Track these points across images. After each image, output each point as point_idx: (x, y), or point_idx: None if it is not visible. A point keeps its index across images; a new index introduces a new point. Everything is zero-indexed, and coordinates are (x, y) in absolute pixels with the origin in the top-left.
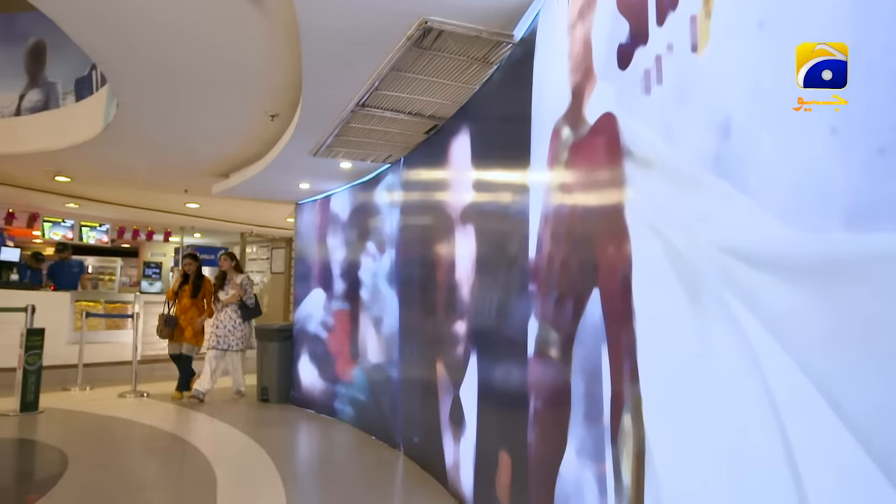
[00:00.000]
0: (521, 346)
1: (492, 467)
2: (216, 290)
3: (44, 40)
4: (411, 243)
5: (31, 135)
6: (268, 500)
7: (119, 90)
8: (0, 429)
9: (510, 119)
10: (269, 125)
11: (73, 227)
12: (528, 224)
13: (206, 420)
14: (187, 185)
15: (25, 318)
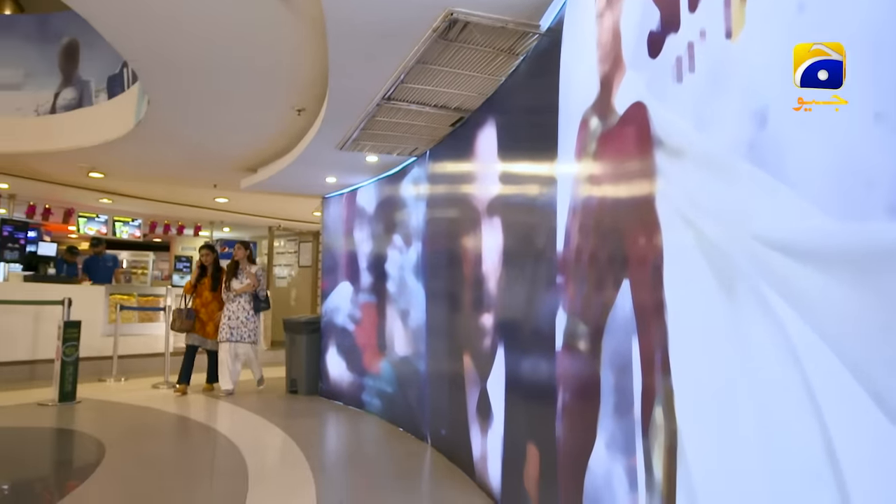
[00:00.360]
0: (548, 339)
1: (519, 460)
2: (228, 278)
3: (77, 39)
4: (438, 236)
5: (66, 132)
6: (298, 490)
7: (150, 87)
8: (40, 418)
9: (537, 110)
10: (296, 120)
11: (106, 222)
12: (556, 216)
13: (237, 410)
14: (216, 180)
15: (62, 310)
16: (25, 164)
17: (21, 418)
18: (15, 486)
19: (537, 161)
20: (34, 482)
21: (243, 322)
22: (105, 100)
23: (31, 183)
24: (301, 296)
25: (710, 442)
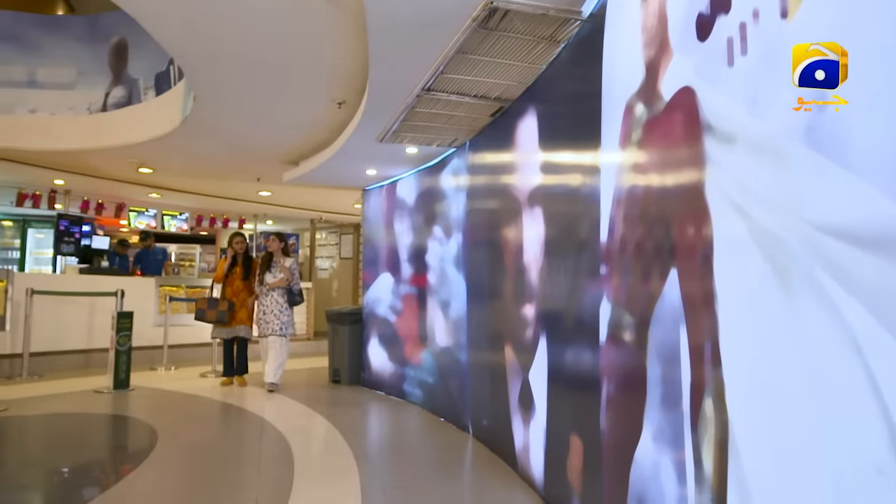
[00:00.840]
0: (592, 330)
1: (563, 451)
2: (262, 272)
3: (126, 38)
4: (478, 227)
5: (116, 129)
6: (342, 477)
7: (195, 83)
8: (96, 404)
9: (579, 98)
10: (337, 113)
11: (155, 216)
12: (600, 206)
13: (282, 399)
14: (260, 173)
15: (115, 301)
16: (79, 160)
17: (79, 405)
18: (75, 469)
19: (580, 150)
20: (93, 465)
21: (276, 315)
22: (153, 97)
23: (84, 179)
24: (342, 287)
25: (764, 435)
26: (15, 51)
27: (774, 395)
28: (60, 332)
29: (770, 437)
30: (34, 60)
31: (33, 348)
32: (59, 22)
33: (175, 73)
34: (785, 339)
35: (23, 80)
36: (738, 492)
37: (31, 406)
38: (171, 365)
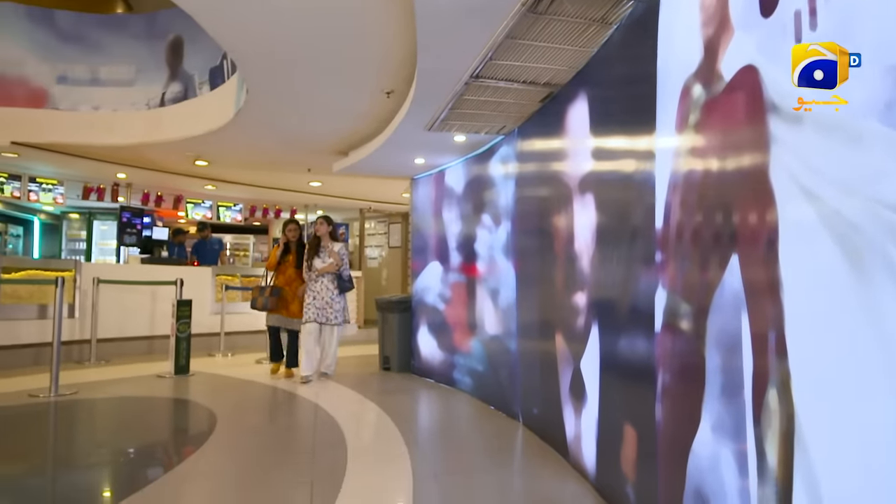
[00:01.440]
0: (647, 318)
1: (616, 441)
2: (310, 257)
3: (181, 35)
4: (527, 215)
5: (173, 123)
6: (394, 463)
7: (248, 76)
8: (159, 388)
9: (632, 81)
10: (386, 102)
11: (211, 207)
12: (654, 192)
13: (334, 386)
14: (310, 164)
15: (175, 290)
16: (139, 154)
17: (143, 388)
18: (140, 449)
19: (633, 135)
20: (157, 446)
21: (328, 303)
22: (208, 91)
23: (144, 172)
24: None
25: (835, 427)
26: (79, 50)
27: (847, 385)
28: (125, 320)
29: (842, 430)
30: (96, 59)
31: (100, 335)
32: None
33: (228, 67)
34: (858, 326)
35: (86, 78)
36: (806, 485)
37: (99, 389)
38: (228, 351)
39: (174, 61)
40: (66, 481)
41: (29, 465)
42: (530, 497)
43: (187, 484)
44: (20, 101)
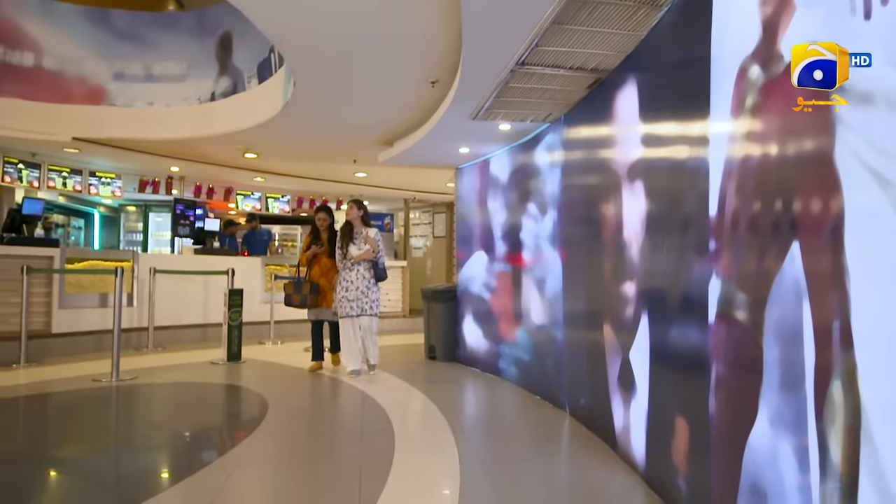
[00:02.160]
0: (700, 308)
1: (667, 433)
2: (344, 244)
3: (230, 30)
4: (574, 203)
5: (223, 117)
6: (440, 451)
7: (295, 69)
8: (212, 375)
9: (684, 64)
10: (430, 92)
11: (260, 198)
12: (708, 179)
13: (380, 374)
14: (356, 155)
15: (227, 280)
16: (191, 147)
17: (197, 374)
18: (196, 433)
19: (685, 120)
20: (211, 430)
21: (364, 293)
22: (256, 85)
23: (196, 165)
24: (436, 265)
25: None
26: (134, 48)
27: None
28: (179, 308)
29: None
30: (150, 56)
31: (156, 322)
32: (170, 18)
33: (276, 61)
34: None
35: (141, 75)
36: (873, 482)
37: (156, 375)
38: (278, 339)
39: (223, 56)
40: (128, 462)
41: (94, 445)
42: (578, 487)
43: (241, 467)
44: (80, 99)
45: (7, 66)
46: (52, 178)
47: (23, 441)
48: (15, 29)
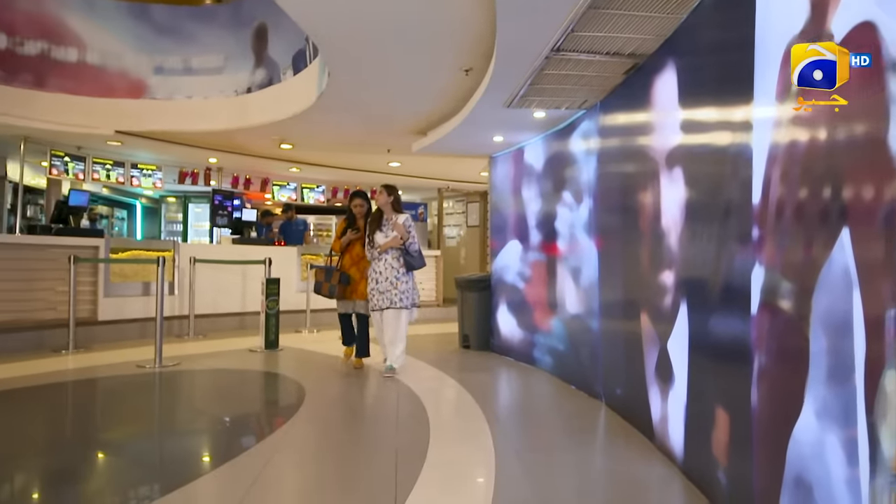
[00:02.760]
0: (742, 297)
1: (706, 424)
2: (371, 231)
3: (265, 22)
4: (611, 191)
5: (259, 109)
6: (475, 439)
7: (329, 59)
8: (251, 362)
9: (727, 47)
10: (464, 80)
11: (296, 189)
12: (751, 165)
13: (415, 363)
14: (389, 144)
15: (264, 269)
16: (229, 139)
17: (236, 361)
18: (235, 418)
19: (727, 105)
20: (250, 416)
21: (392, 283)
22: (291, 76)
23: (233, 156)
24: (470, 254)
25: None
26: (173, 42)
27: None
28: (218, 297)
29: None
30: (188, 49)
31: (197, 311)
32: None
33: (310, 52)
34: None
35: (179, 68)
36: None
37: (197, 362)
38: (314, 328)
39: (259, 48)
40: (172, 445)
41: (140, 429)
42: (615, 478)
43: (280, 453)
44: (121, 93)
45: (52, 61)
46: (96, 171)
47: (72, 424)
48: (59, 25)
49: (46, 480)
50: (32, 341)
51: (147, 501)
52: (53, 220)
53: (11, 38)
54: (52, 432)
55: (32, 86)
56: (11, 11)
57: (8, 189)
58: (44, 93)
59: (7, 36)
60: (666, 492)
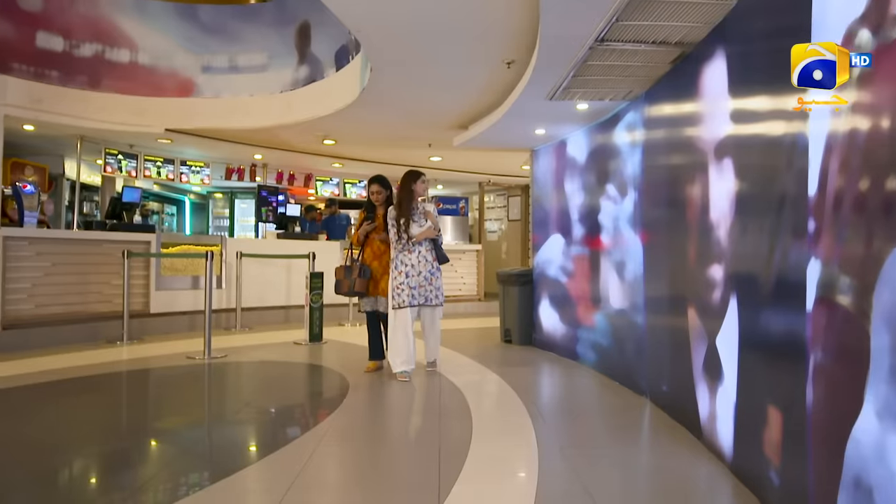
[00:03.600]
0: (796, 292)
1: (758, 423)
2: (404, 220)
3: (308, 20)
4: (657, 184)
5: (303, 105)
6: (517, 433)
7: (372, 54)
8: (295, 354)
9: (780, 33)
10: (506, 73)
11: (338, 184)
12: (807, 155)
13: (457, 357)
14: (431, 139)
15: (308, 263)
16: (273, 135)
17: (282, 354)
18: (281, 409)
19: (781, 93)
20: (295, 407)
21: (427, 279)
22: (334, 72)
23: (278, 153)
24: (511, 249)
25: None
26: (219, 41)
27: None
28: (264, 290)
29: None
30: (234, 48)
31: (243, 304)
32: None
33: (352, 48)
34: None
35: (226, 66)
36: None
37: (244, 354)
38: (356, 322)
39: (302, 45)
40: (221, 434)
41: (190, 418)
42: (662, 475)
43: (324, 444)
44: (171, 91)
45: (107, 62)
46: (147, 168)
47: (127, 412)
48: (112, 27)
49: (103, 465)
50: (89, 332)
51: (197, 488)
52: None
53: (68, 41)
54: (109, 420)
55: (87, 86)
56: (69, 15)
57: (66, 187)
58: (98, 93)
59: (64, 39)
60: (714, 490)
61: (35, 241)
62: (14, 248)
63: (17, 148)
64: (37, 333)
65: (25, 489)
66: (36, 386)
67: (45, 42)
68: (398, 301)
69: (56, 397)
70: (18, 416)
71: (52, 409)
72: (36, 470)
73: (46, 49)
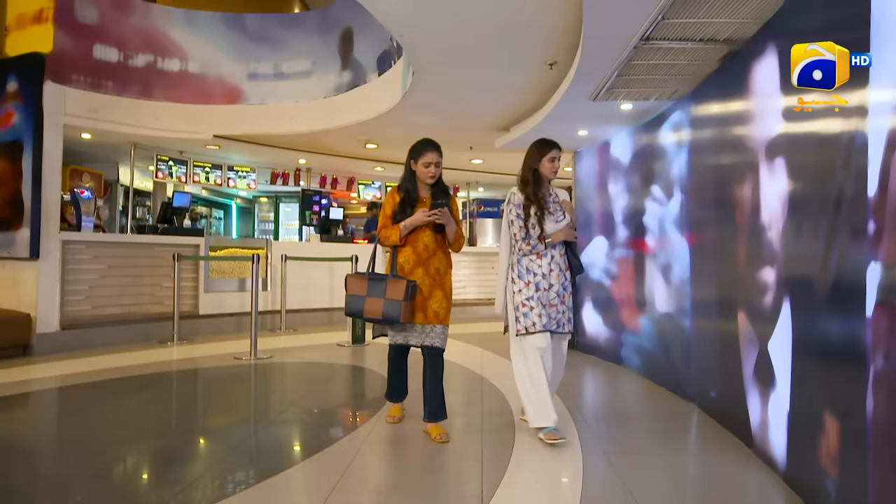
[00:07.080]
0: (855, 296)
1: (813, 431)
2: (533, 211)
3: (351, 26)
4: (704, 185)
5: (346, 110)
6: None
7: (414, 58)
8: (339, 356)
9: (837, 26)
10: (548, 74)
11: (380, 187)
12: (866, 154)
13: (496, 358)
14: (472, 141)
15: (351, 265)
16: (317, 140)
17: (325, 355)
18: (324, 410)
19: (838, 88)
20: (338, 409)
21: (560, 295)
22: (376, 77)
23: (321, 157)
24: None
25: None
26: (265, 49)
27: None
28: (308, 293)
29: None
30: (280, 55)
31: (288, 306)
32: (297, 19)
33: (394, 52)
34: None
35: (271, 73)
36: None
37: (289, 355)
38: None
39: (345, 51)
40: (267, 434)
41: (237, 417)
42: (710, 483)
43: (368, 445)
44: (219, 99)
45: (159, 72)
46: (196, 173)
47: (177, 410)
48: (164, 38)
49: (156, 461)
50: (142, 333)
51: (244, 486)
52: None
53: (122, 52)
54: (161, 417)
55: (140, 95)
56: (123, 27)
57: (120, 192)
58: (150, 101)
59: (119, 50)
60: (766, 500)
61: (92, 245)
62: (73, 252)
63: (75, 155)
64: (93, 333)
65: (84, 482)
66: (93, 384)
67: (101, 53)
68: (525, 324)
69: (112, 396)
70: (77, 413)
71: (108, 406)
72: (94, 463)
73: (102, 60)
